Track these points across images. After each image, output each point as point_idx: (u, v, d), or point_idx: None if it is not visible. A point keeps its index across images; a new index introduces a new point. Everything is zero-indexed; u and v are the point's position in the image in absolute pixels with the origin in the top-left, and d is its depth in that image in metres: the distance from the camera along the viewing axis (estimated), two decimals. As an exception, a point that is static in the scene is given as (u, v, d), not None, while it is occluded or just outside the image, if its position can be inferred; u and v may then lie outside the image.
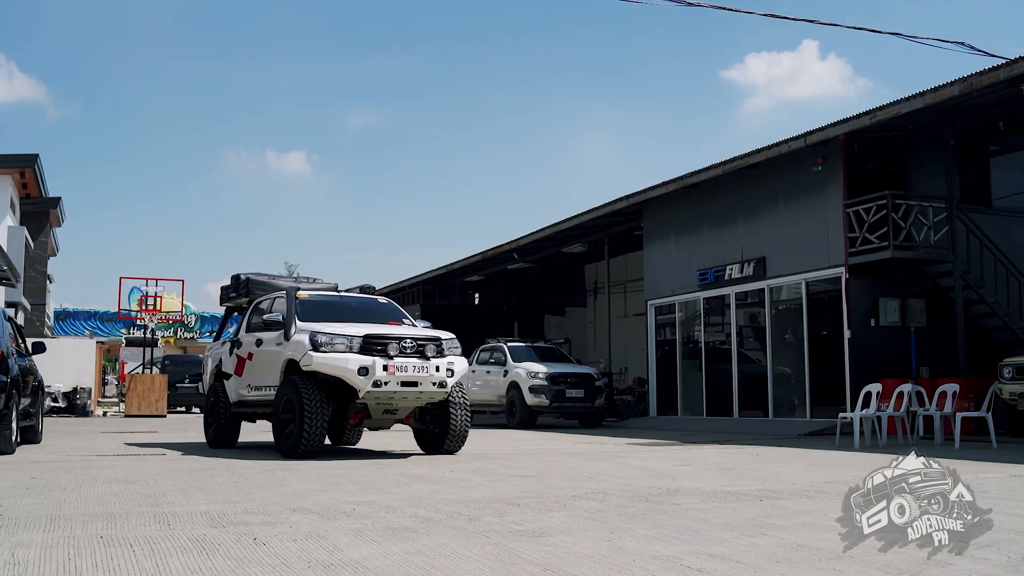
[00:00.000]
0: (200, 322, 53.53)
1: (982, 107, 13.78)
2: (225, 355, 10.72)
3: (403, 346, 8.74)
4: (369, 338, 8.73)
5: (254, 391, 9.83)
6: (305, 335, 8.79)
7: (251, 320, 10.55)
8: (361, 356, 8.55)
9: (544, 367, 17.39)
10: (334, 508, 5.07)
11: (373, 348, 8.65)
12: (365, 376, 8.49)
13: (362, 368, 8.49)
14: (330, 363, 8.55)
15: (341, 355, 8.57)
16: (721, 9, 11.20)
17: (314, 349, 8.61)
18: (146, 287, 24.88)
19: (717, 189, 17.61)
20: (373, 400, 8.72)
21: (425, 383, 8.74)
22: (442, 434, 9.40)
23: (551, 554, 3.73)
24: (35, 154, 25.15)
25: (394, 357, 8.63)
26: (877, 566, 3.52)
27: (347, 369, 8.51)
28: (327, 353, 8.58)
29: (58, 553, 3.70)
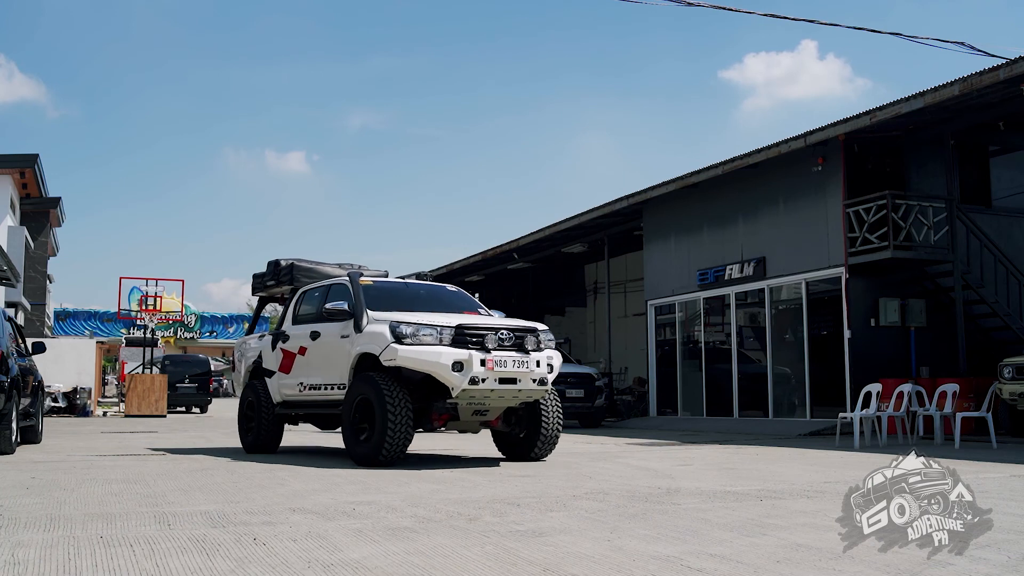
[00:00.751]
0: (200, 322, 53.65)
1: (982, 107, 13.79)
2: (266, 350, 9.71)
3: (500, 338, 7.74)
4: (462, 329, 7.69)
5: (309, 390, 8.85)
6: (383, 325, 7.77)
7: (299, 310, 9.53)
8: (454, 349, 7.53)
9: None
10: (334, 508, 5.07)
11: (467, 340, 7.62)
12: (460, 372, 7.45)
13: (457, 363, 7.46)
14: (418, 357, 7.51)
15: (431, 348, 7.53)
16: (721, 9, 11.21)
17: (397, 341, 7.59)
18: (146, 287, 24.87)
19: (717, 189, 17.62)
20: (466, 400, 7.68)
21: (524, 380, 7.74)
22: (530, 438, 8.46)
23: (551, 554, 3.73)
24: (35, 154, 25.18)
25: (492, 351, 7.63)
26: (877, 566, 3.52)
27: (439, 364, 7.47)
28: (413, 346, 7.55)
29: (58, 553, 3.70)
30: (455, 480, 6.70)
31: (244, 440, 9.95)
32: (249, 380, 10.07)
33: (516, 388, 7.75)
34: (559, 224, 21.27)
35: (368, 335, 7.93)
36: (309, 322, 9.08)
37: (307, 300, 9.51)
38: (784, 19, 36.26)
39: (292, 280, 10.02)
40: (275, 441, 9.68)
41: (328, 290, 9.09)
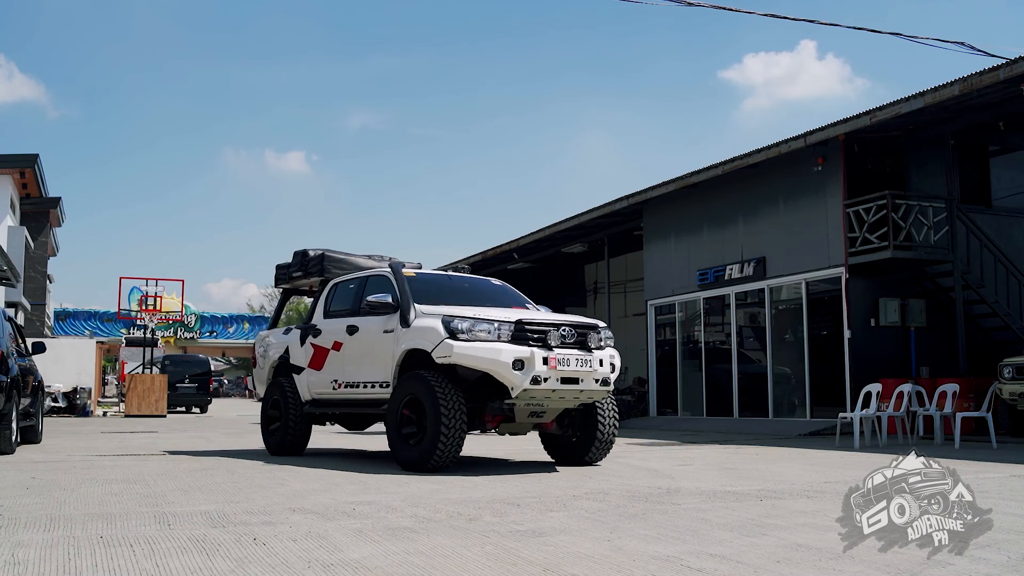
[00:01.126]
0: (200, 322, 53.64)
1: (982, 107, 13.79)
2: (293, 345, 9.23)
3: (563, 335, 7.28)
4: (522, 324, 7.20)
5: (345, 388, 8.38)
6: (435, 320, 7.29)
7: (331, 303, 9.02)
8: (515, 346, 7.03)
9: None
10: (334, 508, 5.07)
11: (527, 337, 7.13)
12: (520, 371, 6.96)
13: (517, 361, 6.96)
14: (476, 354, 7.01)
15: (489, 345, 7.04)
16: (721, 9, 11.21)
17: (451, 337, 7.09)
18: (146, 287, 24.87)
19: (717, 189, 17.62)
20: (525, 401, 7.18)
21: (587, 380, 7.29)
22: (584, 441, 8.03)
23: (551, 554, 3.73)
24: (35, 154, 25.18)
25: (554, 348, 7.15)
26: (877, 566, 3.52)
27: (499, 362, 6.96)
28: (470, 342, 7.06)
29: (58, 553, 3.70)
30: (455, 480, 6.70)
31: (268, 441, 9.41)
32: (273, 377, 9.59)
33: (578, 388, 7.29)
34: (559, 224, 21.28)
35: (417, 330, 7.43)
36: (344, 316, 8.61)
37: (341, 292, 9.00)
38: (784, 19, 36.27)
39: (322, 271, 9.44)
40: (303, 442, 9.21)
41: (365, 282, 8.61)
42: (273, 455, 9.08)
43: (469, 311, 7.39)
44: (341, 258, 9.53)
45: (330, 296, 9.14)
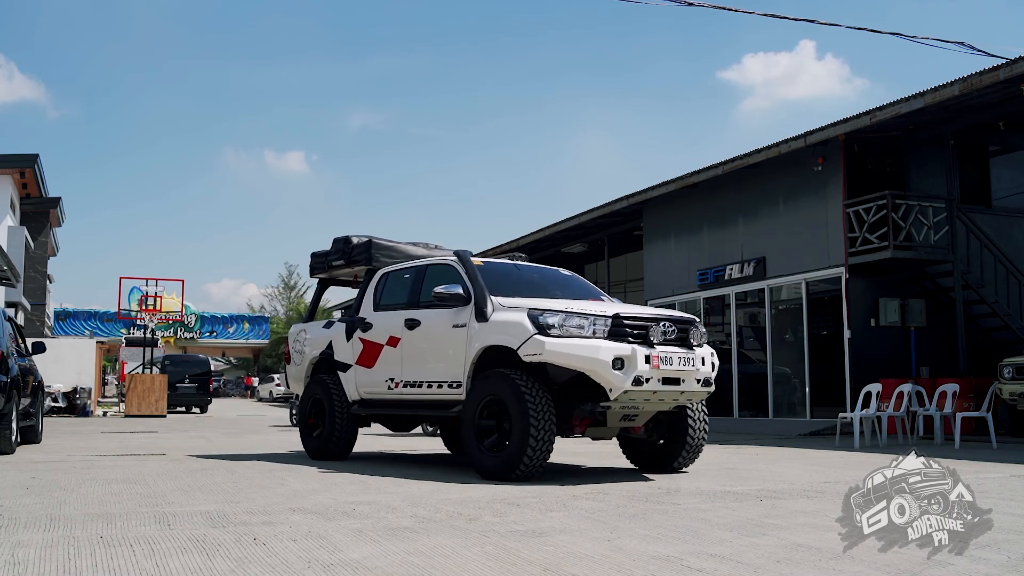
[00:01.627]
0: (200, 322, 53.65)
1: (982, 107, 13.79)
2: (338, 340, 8.61)
3: (664, 330, 6.65)
4: (620, 319, 6.55)
5: (404, 387, 7.74)
6: (519, 313, 6.64)
7: (382, 294, 8.37)
8: (614, 343, 6.37)
9: None
10: (334, 508, 5.07)
11: (625, 333, 6.50)
12: (620, 371, 6.29)
13: (618, 360, 6.29)
14: (572, 352, 6.34)
15: (586, 341, 6.38)
16: (721, 9, 11.21)
17: (541, 332, 6.43)
18: (146, 287, 24.87)
19: (717, 189, 17.62)
20: (623, 403, 6.51)
21: (689, 380, 6.69)
22: (672, 447, 7.41)
23: (551, 554, 3.73)
24: (35, 154, 25.19)
25: (655, 345, 6.53)
26: (877, 566, 3.52)
27: (597, 360, 6.29)
28: (563, 339, 6.39)
29: (58, 553, 3.70)
30: (455, 480, 6.70)
31: (308, 444, 8.84)
32: (313, 374, 9.01)
33: (679, 390, 6.65)
34: (559, 224, 21.28)
35: (498, 325, 6.77)
36: (399, 308, 7.97)
37: (393, 283, 8.33)
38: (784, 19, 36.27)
39: (369, 259, 8.76)
40: (348, 446, 8.59)
41: (424, 271, 7.96)
42: (314, 459, 8.54)
43: (555, 303, 6.73)
44: (389, 245, 8.86)
45: (380, 287, 8.46)
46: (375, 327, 8.16)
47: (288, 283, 68.73)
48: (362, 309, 8.51)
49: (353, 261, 8.97)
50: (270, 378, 48.22)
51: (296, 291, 68.43)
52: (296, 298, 67.64)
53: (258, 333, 57.32)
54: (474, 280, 7.21)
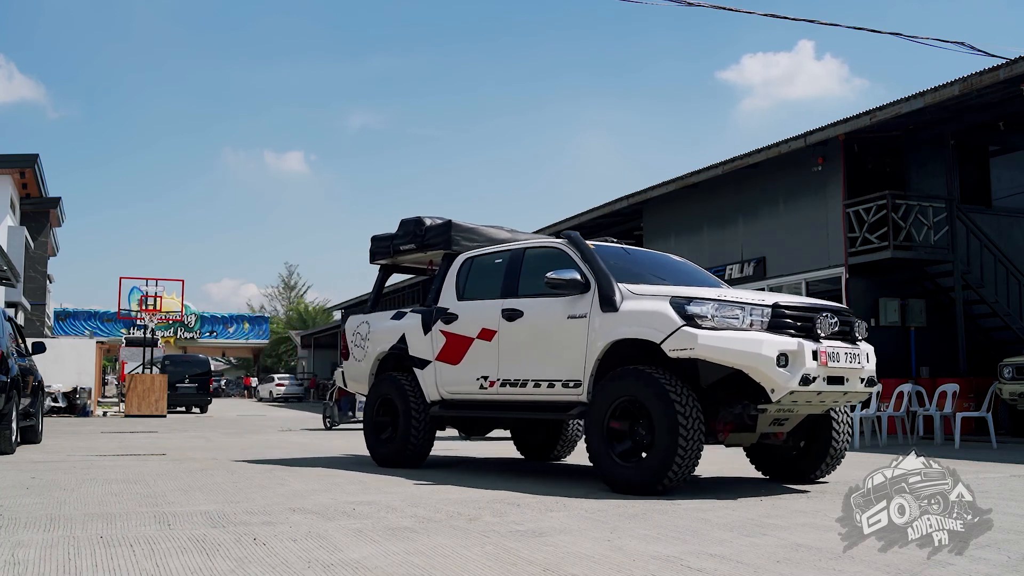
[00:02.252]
0: (200, 322, 53.69)
1: (982, 107, 13.80)
2: (412, 333, 7.76)
3: (829, 323, 5.90)
4: (779, 309, 5.76)
5: (503, 387, 6.88)
6: (659, 302, 5.84)
7: (467, 283, 7.53)
8: (777, 337, 5.60)
9: None
10: (334, 508, 5.07)
11: (786, 325, 5.71)
12: (785, 368, 5.51)
13: (782, 356, 5.52)
14: (729, 347, 5.53)
15: (744, 334, 5.58)
16: (721, 9, 11.21)
17: (689, 324, 5.63)
18: (146, 287, 24.87)
19: (717, 189, 17.62)
20: (784, 405, 5.75)
21: (853, 380, 5.92)
22: (812, 454, 6.59)
23: (551, 554, 3.73)
24: (35, 154, 25.18)
25: (821, 339, 5.76)
26: (877, 566, 3.52)
27: (760, 356, 5.49)
28: (717, 331, 5.59)
29: (58, 553, 3.70)
30: (455, 480, 6.70)
31: (377, 450, 8.03)
32: (379, 372, 8.22)
33: (842, 390, 5.87)
34: (559, 224, 21.27)
35: (632, 315, 5.97)
36: (491, 297, 7.15)
37: (481, 269, 7.51)
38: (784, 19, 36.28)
39: (448, 243, 7.91)
40: (425, 451, 7.76)
41: (522, 256, 7.14)
42: (383, 466, 7.78)
43: (695, 291, 5.99)
44: (471, 227, 8.07)
45: (464, 274, 7.60)
46: (461, 319, 7.32)
47: (288, 283, 68.90)
48: (442, 298, 7.62)
49: (427, 245, 8.13)
50: (270, 378, 48.25)
51: (296, 291, 68.55)
52: (296, 298, 67.76)
53: (258, 333, 57.37)
54: (594, 265, 6.38)
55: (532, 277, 6.85)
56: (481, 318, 7.12)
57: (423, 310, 7.77)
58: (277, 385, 45.52)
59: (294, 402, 42.55)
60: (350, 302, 45.74)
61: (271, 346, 62.08)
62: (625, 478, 5.83)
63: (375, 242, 8.76)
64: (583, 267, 6.44)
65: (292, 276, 69.46)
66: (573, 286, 6.32)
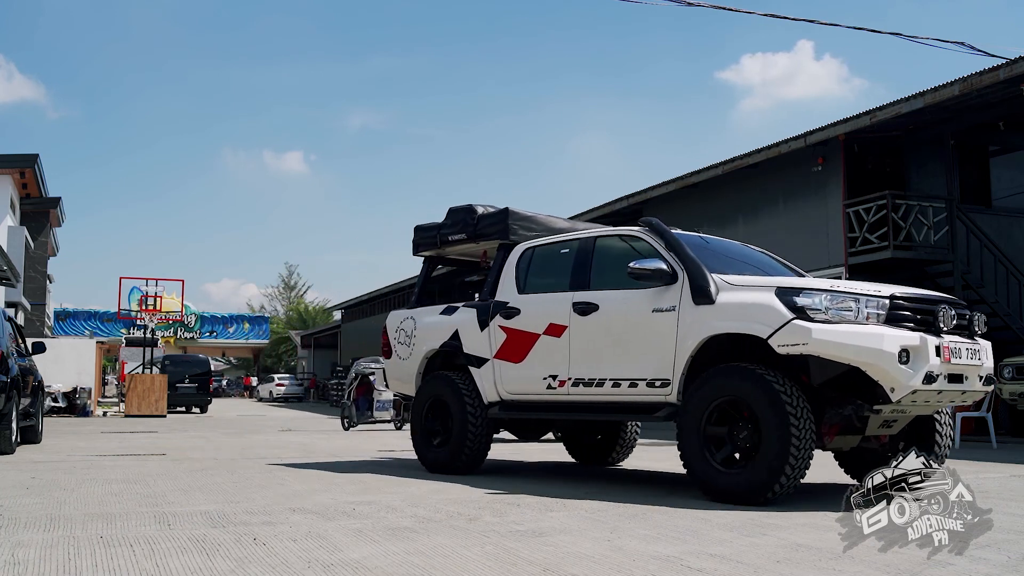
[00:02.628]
0: (200, 322, 53.69)
1: (982, 107, 13.80)
2: (466, 329, 7.25)
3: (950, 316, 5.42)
4: (897, 301, 5.28)
5: (576, 387, 6.37)
6: (763, 293, 5.39)
7: (528, 275, 7.03)
8: (898, 331, 5.13)
9: None
10: (334, 508, 5.06)
11: (905, 318, 5.24)
12: (906, 365, 5.04)
13: (904, 351, 5.05)
14: (848, 342, 5.05)
15: (862, 328, 5.10)
16: (721, 9, 11.21)
17: (800, 317, 5.17)
18: (146, 287, 24.87)
19: (717, 189, 17.62)
20: (903, 406, 5.35)
21: (972, 378, 5.51)
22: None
23: (551, 554, 3.73)
24: (35, 154, 25.19)
25: (943, 334, 5.31)
26: (877, 566, 3.52)
27: (881, 353, 5.02)
28: (832, 325, 5.12)
29: (58, 553, 3.70)
30: (455, 480, 6.70)
31: (427, 455, 7.47)
32: (427, 370, 7.71)
33: (961, 389, 5.46)
34: (559, 224, 21.28)
35: (732, 308, 5.49)
36: (558, 290, 6.66)
37: (544, 260, 7.04)
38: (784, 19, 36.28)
39: (505, 233, 7.39)
40: (481, 456, 7.21)
41: (592, 245, 6.70)
42: (433, 472, 7.27)
43: (807, 281, 5.60)
44: (529, 216, 7.59)
45: (524, 265, 7.11)
46: (524, 313, 6.81)
47: (288, 283, 68.92)
48: (500, 292, 7.12)
49: (480, 235, 7.60)
50: (270, 378, 48.27)
51: (296, 291, 68.57)
52: (296, 298, 67.78)
53: (258, 333, 57.39)
54: (681, 253, 5.92)
55: (606, 268, 6.48)
56: (548, 312, 6.63)
57: (478, 304, 7.26)
58: (277, 385, 45.55)
59: (294, 402, 42.57)
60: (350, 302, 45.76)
61: (271, 346, 62.10)
62: (728, 486, 5.36)
63: (419, 232, 8.23)
64: (667, 256, 6.00)
65: (292, 276, 69.53)
66: (659, 277, 5.85)
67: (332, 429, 16.04)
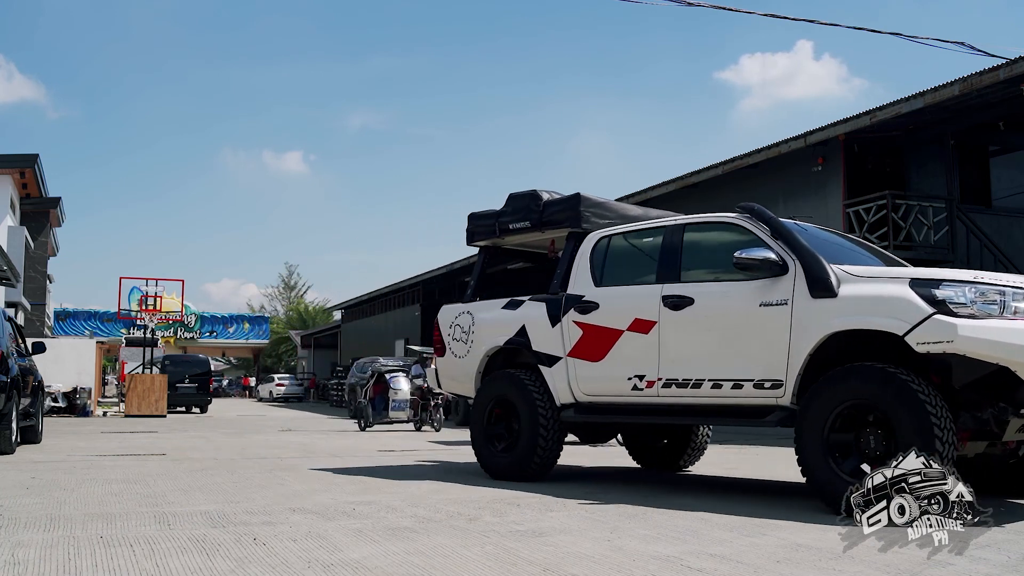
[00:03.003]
0: (200, 322, 53.68)
1: (982, 107, 13.80)
2: (535, 324, 6.70)
3: None
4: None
5: (667, 388, 5.86)
6: (895, 285, 4.92)
7: (606, 266, 6.47)
8: None
9: None
10: (334, 508, 5.07)
11: None
12: None
13: None
14: (1001, 339, 4.55)
15: (1013, 324, 4.62)
16: (721, 9, 11.21)
17: (941, 311, 4.67)
18: (146, 287, 24.86)
19: (717, 189, 17.61)
20: None
21: None
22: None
23: (551, 554, 3.73)
24: (35, 154, 25.19)
25: None
26: (877, 566, 3.52)
27: None
28: (978, 320, 4.62)
29: (58, 553, 3.70)
30: (455, 480, 6.70)
31: (491, 461, 6.89)
32: (482, 370, 7.15)
33: None
34: (559, 224, 21.29)
35: (858, 301, 5.02)
36: (642, 282, 6.22)
37: (623, 250, 6.56)
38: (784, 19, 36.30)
39: (577, 220, 6.86)
40: (552, 462, 6.70)
41: (681, 234, 6.12)
42: (497, 479, 6.70)
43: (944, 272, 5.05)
44: (601, 202, 7.06)
45: (600, 256, 6.55)
46: (604, 308, 6.26)
47: (288, 283, 68.92)
48: (573, 284, 6.58)
49: (546, 223, 7.08)
50: (270, 378, 48.26)
51: (296, 291, 68.58)
52: (296, 298, 67.78)
53: (258, 333, 57.38)
54: (792, 242, 5.42)
55: (699, 258, 6.03)
56: (633, 307, 6.10)
57: (548, 298, 6.72)
58: (277, 385, 45.55)
59: (294, 402, 42.56)
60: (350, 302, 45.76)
61: (271, 346, 62.10)
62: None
63: (475, 220, 7.77)
64: (774, 245, 5.48)
65: (292, 276, 69.53)
66: (767, 267, 5.36)
67: (332, 429, 16.04)
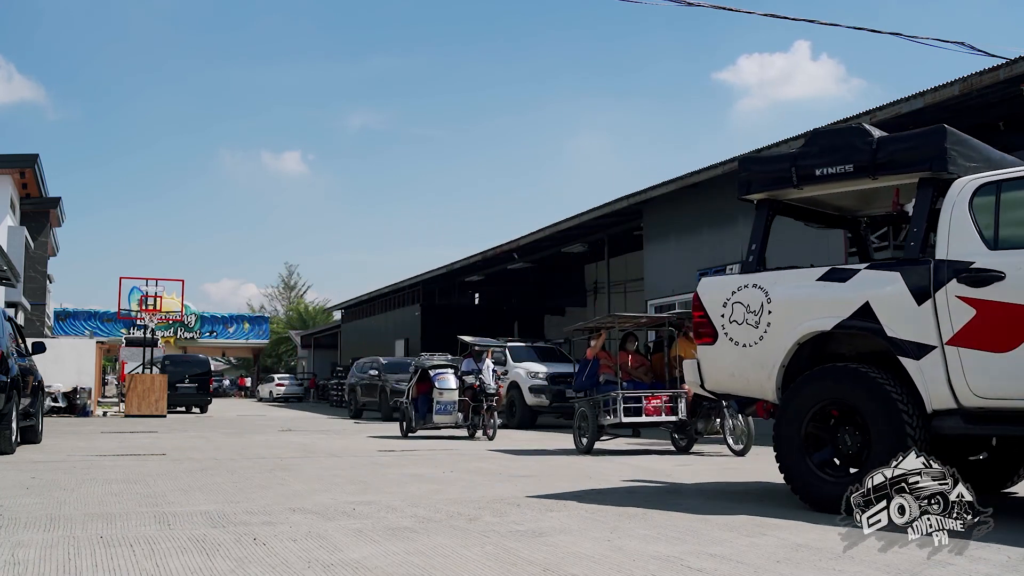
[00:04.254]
0: (200, 322, 53.68)
1: (982, 107, 13.79)
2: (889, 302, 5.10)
3: None
4: None
5: None
6: None
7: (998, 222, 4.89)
8: None
9: (544, 367, 17.41)
10: (334, 508, 5.07)
11: None
12: None
13: None
14: None
15: None
16: (720, 9, 11.21)
17: None
18: (146, 287, 24.86)
19: (717, 189, 17.60)
20: None
21: None
22: None
23: (551, 554, 3.73)
24: (35, 154, 25.18)
25: None
26: (877, 566, 3.52)
27: None
28: None
29: (58, 553, 3.70)
30: (455, 480, 6.70)
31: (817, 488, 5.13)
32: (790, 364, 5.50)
33: None
34: (559, 224, 21.30)
35: None
36: None
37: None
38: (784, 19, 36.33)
39: (941, 161, 5.24)
40: None
41: None
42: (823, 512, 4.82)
43: None
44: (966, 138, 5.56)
45: (988, 209, 4.95)
46: (1011, 278, 4.65)
47: (288, 283, 68.90)
48: (951, 247, 4.98)
49: (883, 166, 5.45)
50: (270, 378, 48.25)
51: (296, 291, 68.58)
52: (296, 298, 67.78)
53: (258, 333, 57.36)
54: None
55: None
56: None
57: (905, 266, 5.17)
58: (277, 385, 45.53)
59: (294, 402, 42.55)
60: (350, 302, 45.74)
61: (271, 346, 62.08)
62: None
63: (754, 166, 6.21)
64: None
65: (292, 276, 69.51)
66: None
67: (332, 429, 16.03)
